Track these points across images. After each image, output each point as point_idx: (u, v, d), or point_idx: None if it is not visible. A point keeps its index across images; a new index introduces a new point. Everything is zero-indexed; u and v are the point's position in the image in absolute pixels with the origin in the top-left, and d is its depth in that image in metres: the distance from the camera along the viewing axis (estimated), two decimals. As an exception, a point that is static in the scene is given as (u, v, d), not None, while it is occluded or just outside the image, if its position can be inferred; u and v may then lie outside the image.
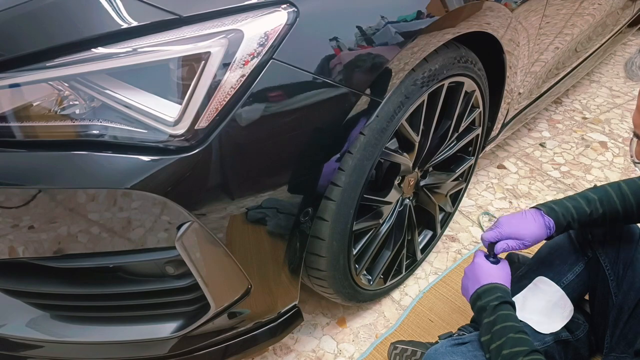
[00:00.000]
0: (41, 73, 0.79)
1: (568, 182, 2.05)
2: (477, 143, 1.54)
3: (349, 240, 1.16)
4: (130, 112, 0.80)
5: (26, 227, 0.87)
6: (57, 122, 0.81)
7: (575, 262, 1.21)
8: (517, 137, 2.34)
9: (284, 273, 1.05)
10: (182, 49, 0.79)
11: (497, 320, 0.97)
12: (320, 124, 0.92)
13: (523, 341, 0.92)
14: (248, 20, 0.82)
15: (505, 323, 0.96)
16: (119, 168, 0.81)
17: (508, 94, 1.55)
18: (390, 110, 1.06)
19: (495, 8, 1.21)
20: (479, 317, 1.02)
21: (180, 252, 0.88)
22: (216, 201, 0.87)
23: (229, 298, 1.00)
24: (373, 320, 1.47)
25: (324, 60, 0.88)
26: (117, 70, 0.79)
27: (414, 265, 1.57)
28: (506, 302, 1.00)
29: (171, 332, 1.01)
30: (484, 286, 1.03)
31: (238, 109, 0.82)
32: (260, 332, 1.13)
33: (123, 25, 0.80)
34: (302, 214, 0.98)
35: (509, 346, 0.92)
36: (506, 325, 0.96)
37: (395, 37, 0.96)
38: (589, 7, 1.85)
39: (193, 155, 0.82)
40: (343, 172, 1.03)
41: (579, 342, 1.20)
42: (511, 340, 0.93)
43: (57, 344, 1.03)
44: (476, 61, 1.29)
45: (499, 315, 0.97)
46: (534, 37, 1.50)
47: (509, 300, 1.01)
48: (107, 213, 0.84)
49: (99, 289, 0.97)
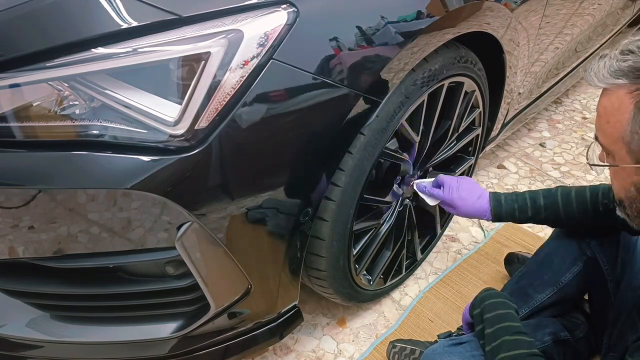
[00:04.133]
0: (41, 73, 0.79)
1: (568, 182, 2.05)
2: (477, 143, 1.54)
3: (349, 240, 1.16)
4: (130, 112, 0.80)
5: (26, 227, 0.87)
6: (57, 122, 0.81)
7: (574, 262, 1.21)
8: (517, 137, 2.34)
9: (284, 273, 1.05)
10: (182, 49, 0.79)
11: (493, 321, 0.97)
12: (320, 124, 0.92)
13: (520, 343, 0.92)
14: (248, 21, 0.82)
15: (501, 324, 0.96)
16: (118, 168, 0.81)
17: (508, 94, 1.55)
18: (390, 110, 1.06)
19: (495, 8, 1.21)
20: (476, 324, 1.03)
21: (180, 252, 0.88)
22: (216, 201, 0.87)
23: (229, 298, 1.00)
24: (373, 321, 1.47)
25: (323, 61, 0.88)
26: (117, 71, 0.79)
27: (414, 266, 1.57)
28: (503, 303, 1.00)
29: (171, 332, 1.01)
30: (480, 294, 1.06)
31: (238, 109, 0.82)
32: (260, 332, 1.13)
33: (123, 25, 0.80)
34: (302, 214, 0.98)
35: (505, 350, 0.92)
36: (502, 327, 0.96)
37: (395, 37, 0.96)
38: (589, 7, 1.85)
39: (193, 155, 0.82)
40: (343, 172, 1.03)
41: (578, 342, 1.20)
42: (507, 343, 0.93)
43: (57, 344, 1.03)
44: (476, 61, 1.29)
45: (495, 315, 0.98)
46: (533, 37, 1.50)
47: (507, 302, 1.01)
48: (107, 213, 0.84)
49: (99, 289, 0.97)
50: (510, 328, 0.95)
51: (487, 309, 1.01)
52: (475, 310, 1.04)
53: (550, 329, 1.18)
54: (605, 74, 0.76)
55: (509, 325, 0.96)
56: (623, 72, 0.74)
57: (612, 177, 0.85)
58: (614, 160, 0.81)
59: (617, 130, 0.76)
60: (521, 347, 0.91)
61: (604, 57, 0.79)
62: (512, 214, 1.18)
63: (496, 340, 0.94)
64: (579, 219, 1.13)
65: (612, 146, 0.79)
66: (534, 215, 1.16)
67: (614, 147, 0.78)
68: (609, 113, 0.77)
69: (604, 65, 0.77)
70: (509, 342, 0.92)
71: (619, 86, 0.75)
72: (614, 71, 0.75)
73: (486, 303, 1.02)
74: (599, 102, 0.80)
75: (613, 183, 0.86)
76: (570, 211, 1.13)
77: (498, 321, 0.97)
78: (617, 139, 0.77)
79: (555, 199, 1.15)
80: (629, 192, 0.81)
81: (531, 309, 1.21)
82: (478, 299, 1.06)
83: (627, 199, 0.82)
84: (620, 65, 0.74)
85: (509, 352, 0.91)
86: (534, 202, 1.16)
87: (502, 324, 0.96)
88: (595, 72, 0.78)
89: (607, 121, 0.78)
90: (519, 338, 0.93)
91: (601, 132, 0.80)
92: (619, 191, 0.84)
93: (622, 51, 0.76)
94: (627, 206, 0.83)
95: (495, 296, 1.04)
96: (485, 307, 1.02)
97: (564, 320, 1.22)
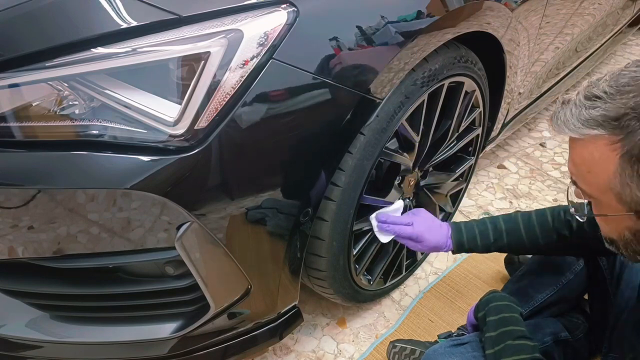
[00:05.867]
0: (41, 73, 0.79)
1: (568, 182, 2.05)
2: (477, 143, 1.54)
3: (349, 240, 1.16)
4: (129, 112, 0.80)
5: (26, 228, 0.87)
6: (57, 122, 0.81)
7: (574, 262, 1.21)
8: (517, 137, 2.34)
9: (283, 273, 1.05)
10: (181, 49, 0.79)
11: (496, 325, 0.97)
12: (320, 124, 0.92)
13: (523, 347, 0.92)
14: (248, 20, 0.82)
15: (505, 328, 0.96)
16: (118, 168, 0.80)
17: (508, 94, 1.55)
18: (390, 110, 1.06)
19: (495, 8, 1.21)
20: (481, 327, 1.03)
21: (179, 253, 0.88)
22: (216, 201, 0.87)
23: (229, 298, 1.00)
24: (373, 321, 1.47)
25: (323, 60, 0.88)
26: (116, 70, 0.79)
27: (414, 266, 1.57)
28: (508, 306, 1.00)
29: (171, 333, 1.01)
30: (485, 297, 1.05)
31: (238, 109, 0.82)
32: (260, 333, 1.13)
33: (123, 25, 0.80)
34: (302, 214, 0.98)
35: (508, 354, 0.91)
36: (505, 330, 0.95)
37: (395, 37, 0.95)
38: (589, 7, 1.85)
39: (193, 155, 0.82)
40: (343, 172, 1.03)
41: (579, 342, 1.20)
42: (510, 347, 0.92)
43: (56, 344, 1.03)
44: (476, 61, 1.29)
45: (499, 319, 0.98)
46: (534, 37, 1.50)
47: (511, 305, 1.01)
48: (107, 213, 0.84)
49: (99, 290, 0.97)
50: (514, 332, 0.95)
51: (492, 311, 1.01)
52: (480, 313, 1.04)
53: (551, 329, 1.18)
54: (576, 123, 0.71)
55: (513, 329, 0.95)
56: (597, 122, 0.69)
57: (600, 220, 0.81)
58: (600, 205, 0.77)
59: (602, 180, 0.72)
60: (524, 352, 0.90)
61: (567, 102, 0.74)
62: (473, 240, 1.13)
63: (499, 344, 0.93)
64: (543, 243, 1.10)
65: (597, 194, 0.75)
66: (496, 239, 1.12)
67: (600, 195, 0.75)
68: (590, 164, 0.72)
69: (571, 114, 0.71)
70: (512, 347, 0.92)
71: (596, 137, 0.69)
72: (585, 120, 0.70)
73: (491, 306, 1.02)
74: (574, 151, 0.75)
75: (600, 225, 0.82)
76: (532, 234, 1.10)
77: (502, 325, 0.97)
78: (605, 189, 0.72)
79: (515, 222, 1.12)
80: (622, 236, 0.77)
81: (531, 309, 1.21)
82: (483, 302, 1.06)
83: (622, 241, 0.79)
84: (591, 114, 0.69)
85: (511, 356, 0.90)
86: (495, 226, 1.13)
87: (506, 327, 0.96)
88: (563, 121, 0.72)
89: (588, 171, 0.73)
90: (522, 343, 0.92)
91: (582, 179, 0.76)
92: (611, 233, 0.80)
93: (587, 96, 0.71)
94: (622, 247, 0.79)
95: (500, 299, 1.03)
96: (490, 310, 1.01)
97: (564, 320, 1.22)
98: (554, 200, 1.95)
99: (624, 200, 0.71)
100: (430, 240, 1.14)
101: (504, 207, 1.91)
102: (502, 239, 1.12)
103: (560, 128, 0.73)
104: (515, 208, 1.91)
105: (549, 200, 1.95)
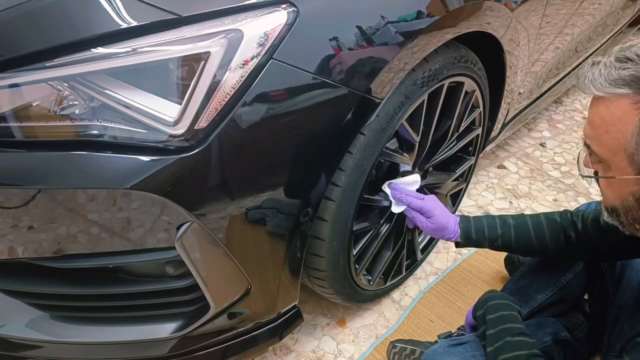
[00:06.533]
0: (41, 73, 0.79)
1: (568, 182, 2.05)
2: (477, 143, 1.54)
3: (349, 240, 1.16)
4: (130, 112, 0.80)
5: (26, 228, 0.87)
6: (57, 122, 0.81)
7: (574, 262, 1.21)
8: (517, 137, 2.34)
9: (283, 273, 1.05)
10: (181, 49, 0.79)
11: (495, 322, 0.97)
12: (320, 124, 0.92)
13: (522, 344, 0.92)
14: (248, 20, 0.82)
15: (503, 325, 0.96)
16: (118, 168, 0.80)
17: (508, 94, 1.55)
18: (390, 110, 1.06)
19: (495, 8, 1.21)
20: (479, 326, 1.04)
21: (179, 253, 0.88)
22: (216, 201, 0.87)
23: (229, 298, 1.00)
24: (373, 321, 1.47)
25: (323, 60, 0.88)
26: (116, 70, 0.79)
27: (414, 266, 1.57)
28: (506, 304, 1.00)
29: (171, 333, 1.01)
30: (484, 296, 1.06)
31: (238, 109, 0.82)
32: (260, 333, 1.13)
33: (123, 25, 0.80)
34: (302, 214, 0.98)
35: (507, 351, 0.91)
36: (504, 328, 0.96)
37: (395, 37, 0.95)
38: (589, 7, 1.85)
39: (193, 155, 0.82)
40: (343, 172, 1.03)
41: (578, 342, 1.20)
42: (509, 344, 0.92)
43: (56, 344, 1.03)
44: (476, 61, 1.29)
45: (498, 317, 0.98)
46: (534, 37, 1.50)
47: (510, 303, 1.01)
48: (107, 213, 0.84)
49: (99, 289, 0.97)
50: (513, 329, 0.95)
51: (490, 310, 1.01)
52: (479, 312, 1.04)
53: (550, 329, 1.18)
54: (603, 82, 0.73)
55: (511, 327, 0.96)
56: (625, 82, 0.71)
57: (605, 186, 0.82)
58: (609, 168, 0.78)
59: (618, 140, 0.73)
60: (523, 349, 0.91)
61: (596, 64, 0.76)
62: (481, 231, 1.14)
63: (498, 341, 0.94)
64: (549, 241, 1.10)
65: (609, 156, 0.76)
66: (503, 233, 1.13)
67: (612, 157, 0.76)
68: (609, 123, 0.74)
69: (599, 74, 0.74)
70: (510, 343, 0.92)
71: (620, 96, 0.72)
72: (614, 80, 0.72)
73: (489, 304, 1.02)
74: (594, 111, 0.77)
75: (605, 192, 0.83)
76: (540, 231, 1.11)
77: (501, 322, 0.97)
78: (618, 150, 0.74)
79: (523, 219, 1.13)
80: (625, 202, 0.78)
81: (531, 309, 1.21)
82: (481, 301, 1.06)
83: (623, 208, 0.79)
84: (621, 74, 0.71)
85: (510, 353, 0.91)
86: (503, 221, 1.14)
87: (505, 325, 0.96)
88: (590, 80, 0.75)
89: (605, 131, 0.75)
90: (521, 339, 0.93)
91: (596, 141, 0.78)
92: (614, 200, 0.81)
93: (618, 58, 0.73)
94: (622, 214, 0.80)
95: (498, 297, 1.04)
96: (489, 309, 1.02)
97: (564, 320, 1.22)
98: (554, 200, 1.95)
99: (636, 162, 0.73)
100: (439, 217, 1.15)
101: (504, 207, 1.91)
102: (509, 233, 1.13)
103: (587, 87, 0.75)
104: (515, 208, 1.91)
105: (549, 200, 1.95)
